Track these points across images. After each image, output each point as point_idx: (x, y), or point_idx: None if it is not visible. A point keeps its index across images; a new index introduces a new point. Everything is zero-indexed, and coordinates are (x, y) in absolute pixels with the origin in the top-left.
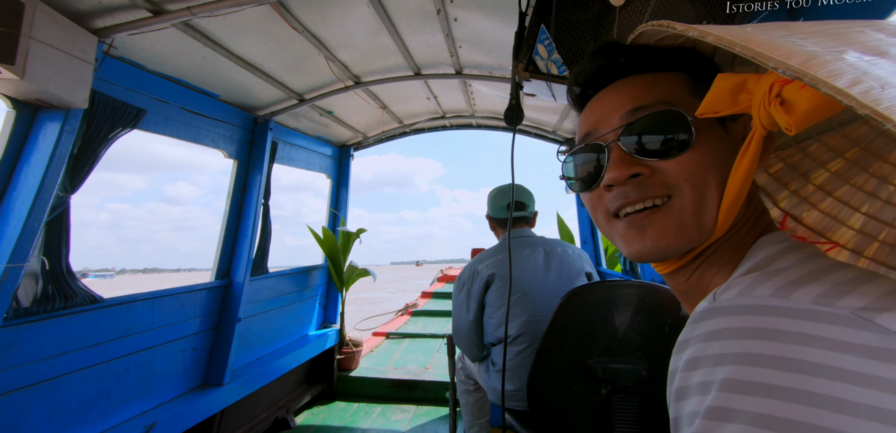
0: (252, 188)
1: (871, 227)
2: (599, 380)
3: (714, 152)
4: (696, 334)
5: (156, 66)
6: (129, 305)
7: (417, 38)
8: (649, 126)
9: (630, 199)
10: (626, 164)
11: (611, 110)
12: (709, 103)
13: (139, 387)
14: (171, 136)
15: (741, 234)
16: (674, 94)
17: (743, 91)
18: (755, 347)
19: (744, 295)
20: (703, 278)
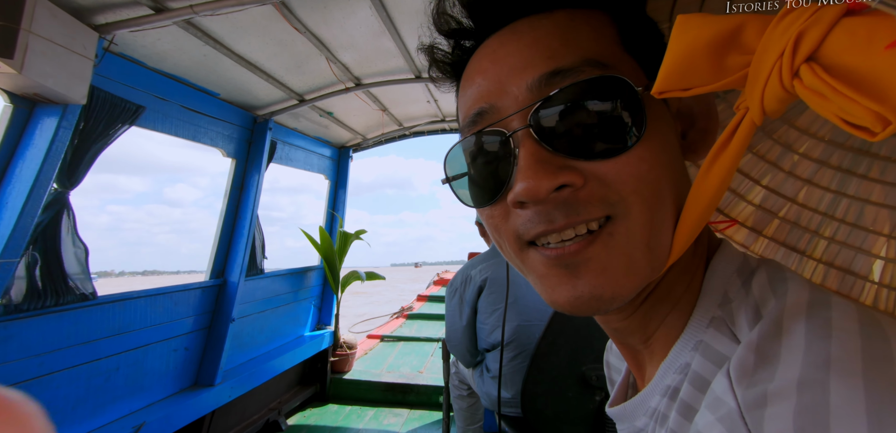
0: (249, 187)
1: (772, 202)
2: (593, 387)
3: (666, 145)
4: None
5: (156, 63)
6: (121, 303)
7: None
8: (578, 104)
9: (555, 225)
10: (548, 170)
11: (511, 72)
12: (672, 70)
13: (129, 386)
14: (170, 133)
15: (688, 255)
16: (603, 48)
17: (734, 48)
18: None
19: (815, 350)
20: (649, 317)
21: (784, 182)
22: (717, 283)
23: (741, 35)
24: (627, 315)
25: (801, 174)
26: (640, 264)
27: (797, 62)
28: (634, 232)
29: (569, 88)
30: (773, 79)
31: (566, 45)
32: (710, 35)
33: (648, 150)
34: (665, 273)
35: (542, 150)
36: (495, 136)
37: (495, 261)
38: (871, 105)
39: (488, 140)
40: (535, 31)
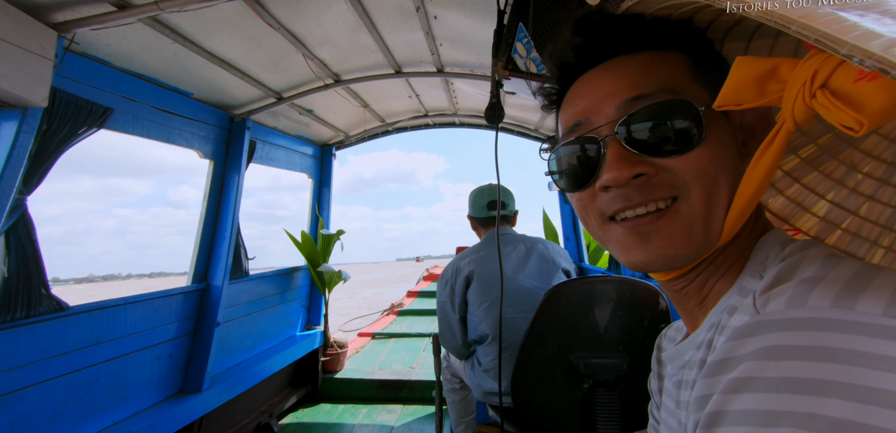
0: (230, 189)
1: (835, 215)
2: (581, 375)
3: (724, 148)
4: (744, 353)
5: (123, 62)
6: (97, 312)
7: (397, 36)
8: (654, 118)
9: (632, 203)
10: (628, 163)
11: (604, 97)
12: (729, 93)
13: (111, 397)
14: (142, 135)
15: (745, 234)
16: (677, 79)
17: (773, 79)
18: (830, 373)
19: (795, 306)
20: (706, 283)
21: (847, 197)
22: (762, 252)
23: (778, 70)
24: (689, 280)
25: (864, 191)
26: (698, 234)
27: (814, 88)
28: (695, 209)
29: (646, 108)
30: (799, 98)
31: (647, 77)
32: (757, 70)
33: (708, 149)
34: (721, 249)
35: (625, 150)
36: (590, 140)
37: (484, 254)
38: (853, 114)
39: (585, 144)
40: (623, 67)
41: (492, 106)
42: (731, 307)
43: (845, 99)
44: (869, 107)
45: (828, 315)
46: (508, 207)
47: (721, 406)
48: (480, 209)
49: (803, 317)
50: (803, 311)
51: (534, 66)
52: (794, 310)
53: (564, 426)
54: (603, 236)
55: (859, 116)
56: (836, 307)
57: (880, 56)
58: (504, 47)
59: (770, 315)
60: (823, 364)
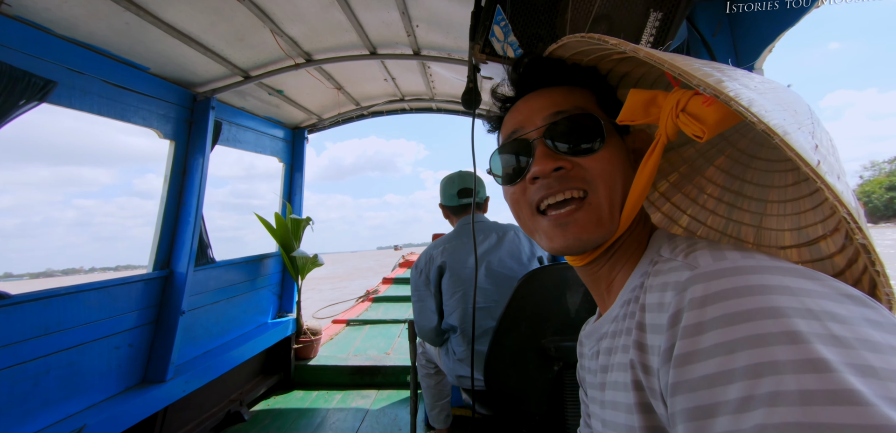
0: (193, 171)
1: (693, 226)
2: (552, 358)
3: (619, 155)
4: (691, 299)
5: (66, 30)
6: (45, 301)
7: (372, 15)
8: (570, 126)
9: (552, 191)
10: (551, 159)
11: (534, 111)
12: (627, 111)
13: (64, 389)
14: (92, 112)
15: (639, 230)
16: (587, 103)
17: (653, 104)
18: (759, 302)
19: (719, 260)
20: (613, 268)
21: (699, 212)
22: (656, 244)
23: (656, 98)
24: (600, 265)
25: (709, 207)
26: (605, 221)
27: (678, 110)
28: (601, 201)
29: (564, 119)
30: (669, 118)
31: (565, 99)
32: (643, 98)
33: (608, 154)
34: (624, 240)
35: (548, 150)
36: (523, 142)
37: (456, 244)
38: (699, 126)
39: (518, 146)
40: (548, 93)
41: (469, 91)
42: (638, 285)
43: (696, 117)
44: (708, 121)
45: (743, 262)
46: (479, 195)
47: (691, 346)
48: (451, 197)
49: (729, 266)
50: (727, 262)
51: (511, 50)
52: (720, 263)
53: (535, 407)
54: (532, 226)
55: (703, 127)
56: (744, 258)
57: (714, 87)
58: (481, 30)
59: (704, 266)
60: (757, 296)
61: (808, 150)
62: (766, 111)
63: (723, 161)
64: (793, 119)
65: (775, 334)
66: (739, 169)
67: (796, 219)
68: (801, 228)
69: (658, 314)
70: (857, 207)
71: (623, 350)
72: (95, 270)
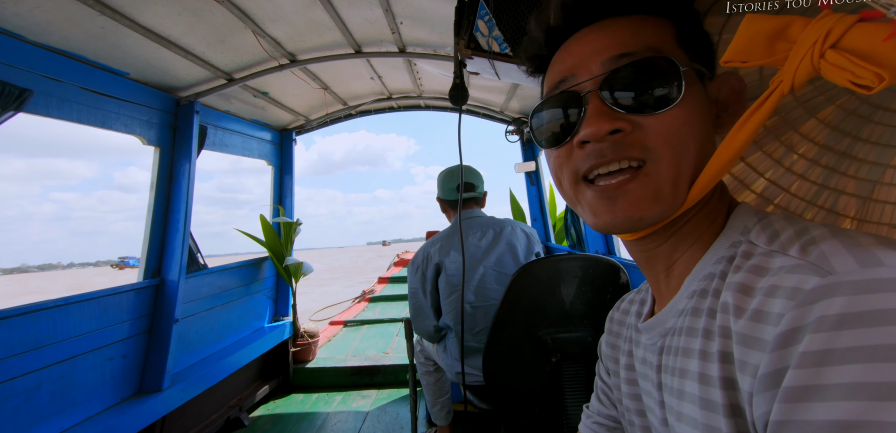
0: (180, 178)
1: (770, 192)
2: (549, 350)
3: (697, 112)
4: (821, 317)
5: (39, 36)
6: (33, 315)
7: (355, 12)
8: (637, 75)
9: (605, 159)
10: (607, 118)
11: (592, 54)
12: (738, 49)
13: (56, 403)
14: (72, 120)
15: (714, 203)
16: (663, 41)
17: (782, 38)
18: None
19: (871, 265)
20: (676, 248)
21: (782, 176)
22: (739, 223)
23: (788, 29)
24: (658, 242)
25: (797, 170)
26: (665, 196)
27: (825, 47)
28: (663, 172)
29: (630, 65)
30: (805, 59)
31: (634, 37)
32: (768, 28)
33: (682, 112)
34: (692, 215)
35: (605, 107)
36: (573, 95)
37: (453, 240)
38: (873, 69)
39: (567, 99)
40: (613, 27)
41: (455, 87)
42: (713, 274)
43: (864, 55)
44: (891, 60)
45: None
46: (477, 189)
47: (810, 380)
48: (450, 191)
49: (886, 276)
50: (885, 271)
51: (496, 44)
52: (873, 270)
53: (533, 399)
54: (574, 197)
55: (880, 70)
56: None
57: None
58: (465, 25)
59: (845, 273)
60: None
61: None
62: None
63: (831, 112)
64: None
65: None
66: (854, 123)
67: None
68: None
69: (756, 324)
70: None
71: (700, 357)
72: (74, 266)
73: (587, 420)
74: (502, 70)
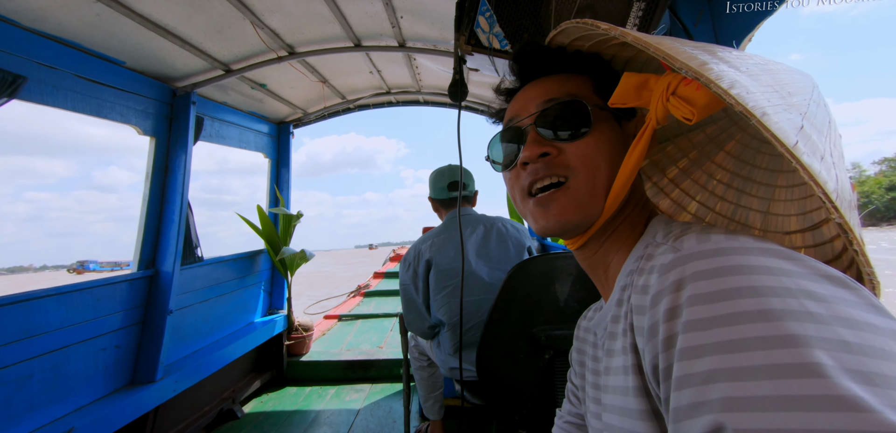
0: (176, 168)
1: (701, 212)
2: (543, 347)
3: (607, 141)
4: (673, 281)
5: (33, 22)
6: (25, 304)
7: (355, 6)
8: (559, 113)
9: (539, 175)
10: (538, 145)
11: (530, 100)
12: (618, 94)
13: (49, 392)
14: (65, 108)
15: (635, 215)
16: (581, 90)
17: (645, 88)
18: (740, 282)
19: (703, 242)
20: (608, 253)
21: (708, 198)
22: (652, 229)
23: (648, 82)
24: (593, 249)
25: (718, 193)
26: (585, 204)
27: (668, 94)
28: (581, 186)
29: (554, 106)
30: (660, 101)
31: (560, 87)
32: (636, 81)
33: (594, 140)
34: (617, 224)
35: (537, 136)
36: (517, 128)
37: (445, 237)
38: (689, 108)
39: (513, 133)
40: (546, 82)
41: (455, 83)
42: (633, 270)
43: (686, 100)
44: (697, 103)
45: (725, 244)
46: (468, 188)
47: (670, 331)
48: (441, 190)
49: (710, 248)
50: (709, 244)
51: (496, 41)
52: (703, 245)
53: (526, 395)
54: (524, 209)
55: (692, 109)
56: (728, 240)
57: (695, 70)
58: (466, 21)
59: (688, 249)
60: (732, 276)
61: (786, 131)
62: (748, 93)
63: (733, 146)
64: (780, 100)
65: (750, 312)
66: (749, 154)
67: (802, 204)
68: (806, 213)
69: (642, 295)
70: (840, 189)
71: (622, 334)
72: (47, 268)
73: (559, 421)
74: (502, 66)
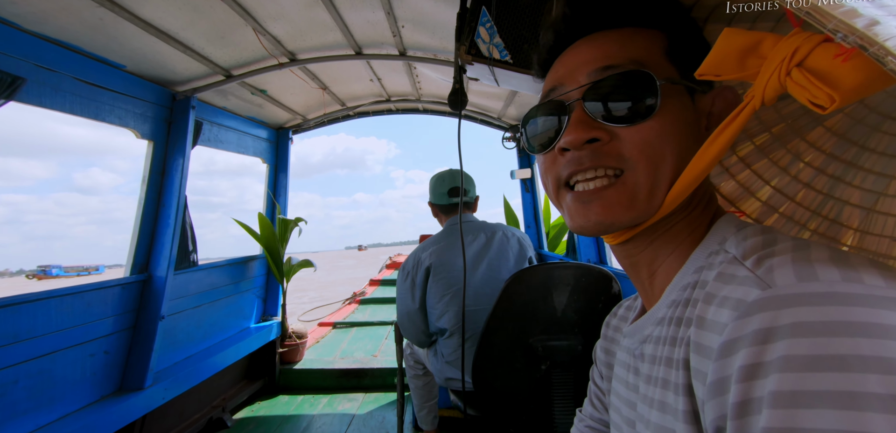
0: (173, 173)
1: (775, 200)
2: (540, 357)
3: (676, 124)
4: (756, 331)
5: (35, 25)
6: (14, 308)
7: (357, 15)
8: (616, 87)
9: (582, 166)
10: (585, 127)
11: (579, 65)
12: (712, 63)
13: (34, 399)
14: (64, 110)
15: (697, 213)
16: (649, 54)
17: (754, 53)
18: (864, 348)
19: (807, 279)
20: (656, 255)
21: (788, 184)
22: (718, 234)
23: (760, 46)
24: (639, 247)
25: (803, 179)
26: (640, 203)
27: (791, 66)
28: (639, 182)
29: (611, 77)
30: (773, 76)
31: (621, 50)
32: (741, 43)
33: (659, 123)
34: (672, 223)
35: (585, 116)
36: (559, 104)
37: (445, 244)
38: (826, 90)
39: (553, 107)
40: (602, 40)
41: (455, 92)
42: (691, 283)
43: (821, 76)
44: (843, 84)
45: (844, 289)
46: (469, 194)
47: (745, 394)
48: (441, 196)
49: (821, 291)
50: (818, 285)
51: (497, 51)
52: (808, 284)
53: (522, 406)
54: (557, 200)
55: (832, 93)
56: (847, 281)
57: (862, 32)
58: (467, 31)
59: (783, 285)
60: (855, 339)
61: None
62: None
63: (839, 120)
64: None
65: (877, 395)
66: (862, 132)
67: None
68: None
69: (707, 333)
70: None
71: (673, 367)
72: (24, 272)
73: (579, 424)
74: (502, 77)
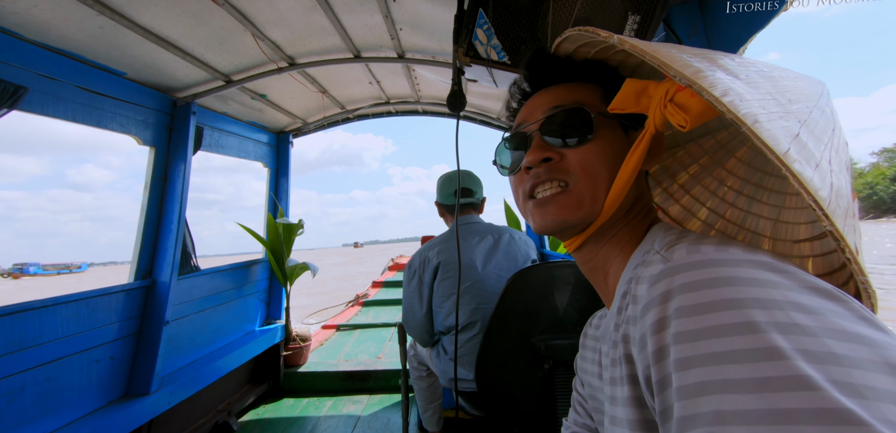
0: (175, 178)
1: (711, 219)
2: (542, 357)
3: (610, 149)
4: (661, 292)
5: (36, 35)
6: (20, 315)
7: (355, 18)
8: (564, 120)
9: (540, 179)
10: (542, 149)
11: (538, 107)
12: (618, 101)
13: (41, 405)
14: (67, 118)
15: (636, 222)
16: (588, 98)
17: (644, 94)
18: (728, 294)
19: (693, 253)
20: (607, 258)
21: (718, 205)
22: (651, 237)
23: (647, 88)
24: (593, 253)
25: (729, 200)
26: (585, 206)
27: (666, 101)
28: (582, 189)
29: (560, 113)
30: (658, 108)
31: (568, 95)
32: (636, 88)
33: (596, 147)
34: (616, 229)
35: (542, 141)
36: (523, 134)
37: (451, 243)
38: (683, 115)
39: (519, 139)
40: (555, 90)
41: (454, 93)
42: (632, 278)
43: (682, 107)
44: (692, 111)
45: (715, 255)
46: (475, 195)
47: (661, 342)
48: (449, 196)
49: (700, 259)
50: (699, 256)
51: (494, 53)
52: (693, 256)
53: (526, 406)
54: (524, 210)
55: (686, 116)
56: (718, 252)
57: (689, 77)
58: (464, 33)
59: (677, 260)
60: (720, 288)
61: (778, 138)
62: (742, 100)
63: (744, 152)
64: (777, 107)
65: (737, 324)
66: (761, 160)
67: (811, 212)
68: (815, 221)
69: (634, 305)
70: (835, 197)
71: (621, 343)
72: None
73: (565, 431)
74: (500, 78)
